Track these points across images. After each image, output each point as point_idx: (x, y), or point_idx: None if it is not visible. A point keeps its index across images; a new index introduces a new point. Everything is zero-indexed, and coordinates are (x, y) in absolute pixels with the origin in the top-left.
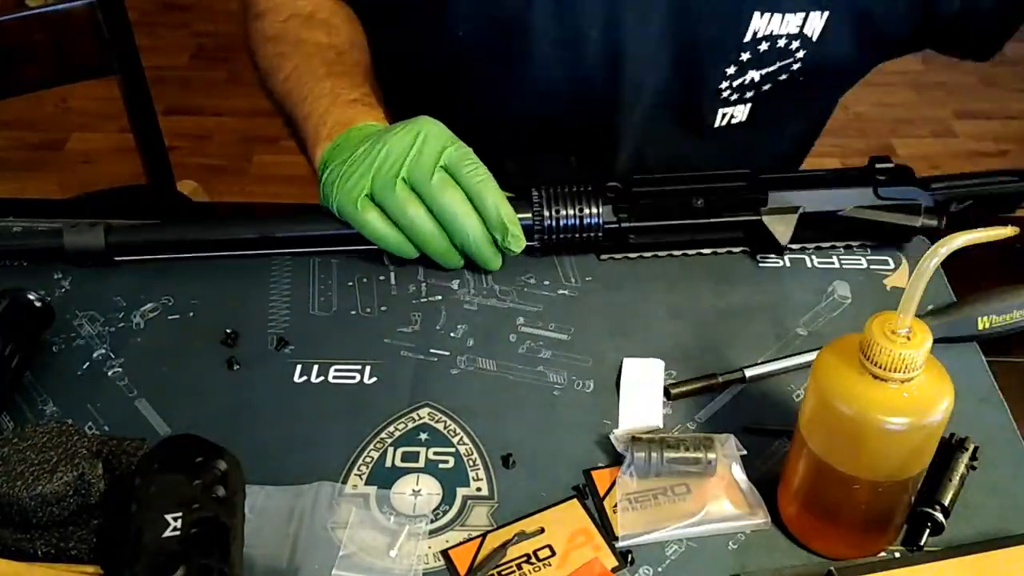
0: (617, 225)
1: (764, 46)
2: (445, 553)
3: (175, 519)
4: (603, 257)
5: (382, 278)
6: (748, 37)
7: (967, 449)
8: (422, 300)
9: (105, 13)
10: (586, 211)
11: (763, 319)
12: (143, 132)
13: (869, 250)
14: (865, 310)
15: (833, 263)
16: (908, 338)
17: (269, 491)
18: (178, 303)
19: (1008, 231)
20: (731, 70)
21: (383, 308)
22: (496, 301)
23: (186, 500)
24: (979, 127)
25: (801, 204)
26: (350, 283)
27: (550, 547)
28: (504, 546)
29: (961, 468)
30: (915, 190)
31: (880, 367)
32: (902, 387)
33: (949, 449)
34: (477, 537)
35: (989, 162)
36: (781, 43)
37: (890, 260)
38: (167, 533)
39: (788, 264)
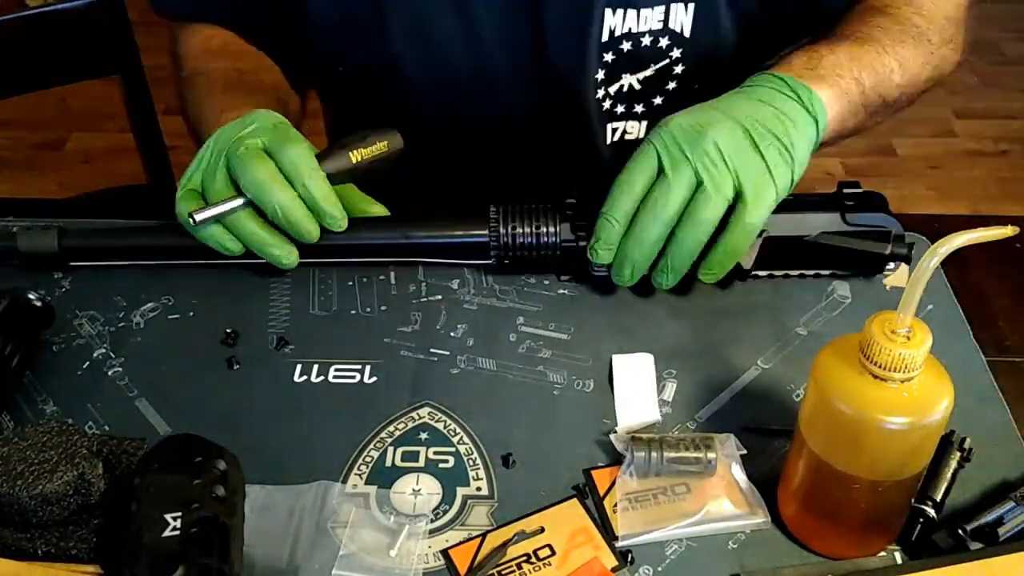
0: (575, 244)
1: (627, 45)
2: (445, 553)
3: (175, 519)
4: (563, 278)
5: (382, 278)
6: (606, 36)
7: (953, 443)
8: (422, 300)
9: (105, 13)
10: (543, 228)
11: (763, 319)
12: (143, 132)
13: None
14: (865, 310)
15: None
16: (908, 338)
17: (269, 491)
18: (178, 303)
19: (1008, 231)
20: (600, 75)
21: (383, 308)
22: (496, 301)
23: (186, 500)
24: (979, 127)
25: (765, 228)
26: (350, 283)
27: (550, 546)
28: (504, 545)
29: (953, 464)
30: (884, 216)
31: (880, 367)
32: (902, 387)
33: (943, 446)
34: (477, 536)
35: (989, 162)
36: (646, 40)
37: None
38: (167, 533)
39: None
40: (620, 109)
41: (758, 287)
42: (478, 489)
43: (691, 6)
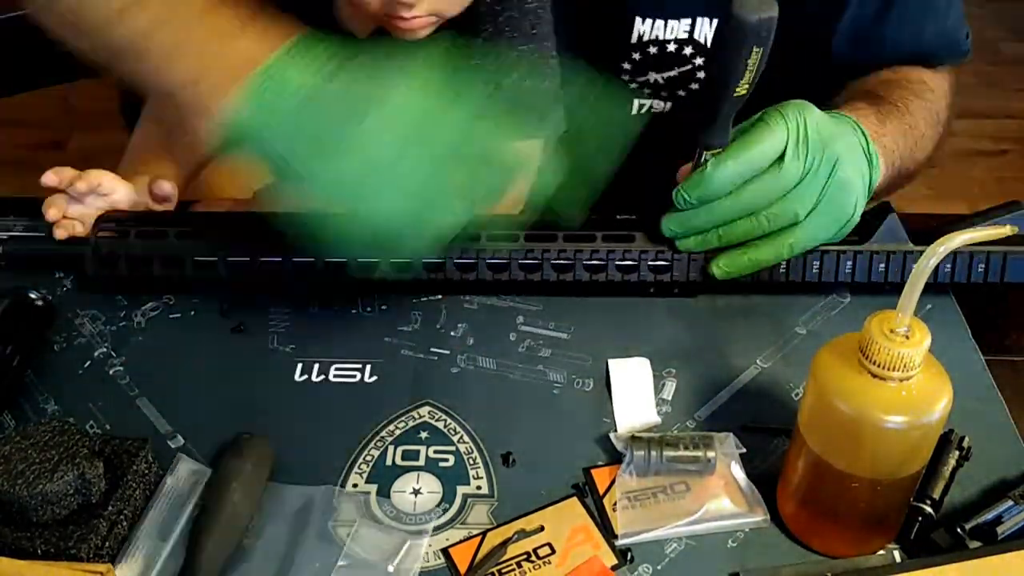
0: None
1: (653, 49)
2: (445, 551)
3: None
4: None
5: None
6: (634, 39)
7: (952, 442)
8: (422, 299)
9: None
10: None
11: (763, 318)
12: None
13: None
14: (864, 309)
15: None
16: (907, 337)
17: (278, 488)
18: (179, 302)
19: (1006, 230)
20: (627, 66)
21: (383, 307)
22: (496, 300)
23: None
24: (978, 127)
25: None
26: None
27: (550, 545)
28: (504, 544)
29: (951, 463)
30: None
31: (879, 366)
32: (901, 386)
33: (942, 445)
34: (477, 535)
35: (988, 161)
36: (671, 48)
37: None
38: None
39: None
40: (646, 91)
41: (758, 286)
42: (478, 488)
43: (715, 21)
